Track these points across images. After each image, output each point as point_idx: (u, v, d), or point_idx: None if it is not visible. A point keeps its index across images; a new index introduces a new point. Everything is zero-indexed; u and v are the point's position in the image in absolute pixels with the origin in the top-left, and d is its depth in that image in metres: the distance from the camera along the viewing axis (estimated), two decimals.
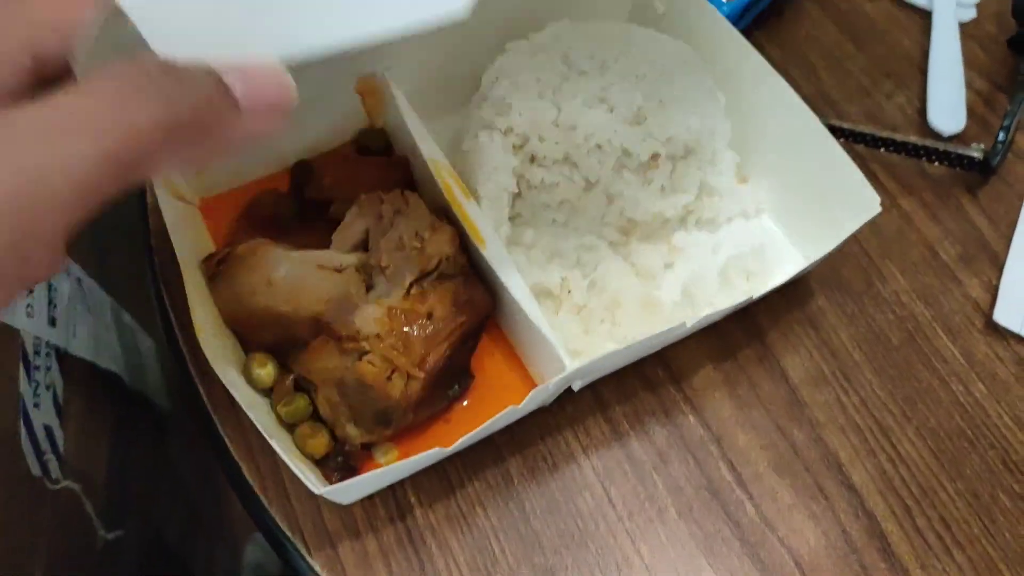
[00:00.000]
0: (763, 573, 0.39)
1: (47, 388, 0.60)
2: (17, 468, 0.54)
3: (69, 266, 0.67)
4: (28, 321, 0.57)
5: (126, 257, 0.91)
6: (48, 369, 0.61)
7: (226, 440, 0.41)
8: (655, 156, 0.44)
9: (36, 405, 0.58)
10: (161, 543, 0.81)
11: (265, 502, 0.40)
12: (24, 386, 0.56)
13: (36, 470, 0.57)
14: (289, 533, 0.39)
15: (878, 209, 0.41)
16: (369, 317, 0.39)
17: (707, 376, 0.44)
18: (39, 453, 0.58)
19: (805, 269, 0.43)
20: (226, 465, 0.41)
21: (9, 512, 0.52)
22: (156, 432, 0.87)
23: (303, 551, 0.39)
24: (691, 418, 0.43)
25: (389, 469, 0.37)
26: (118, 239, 0.91)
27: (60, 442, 0.61)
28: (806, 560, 0.39)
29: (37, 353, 0.59)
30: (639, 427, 0.42)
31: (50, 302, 0.61)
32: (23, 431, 0.55)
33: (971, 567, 0.40)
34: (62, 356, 0.63)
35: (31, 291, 0.58)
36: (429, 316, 0.40)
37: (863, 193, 0.42)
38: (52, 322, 0.61)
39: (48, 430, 0.59)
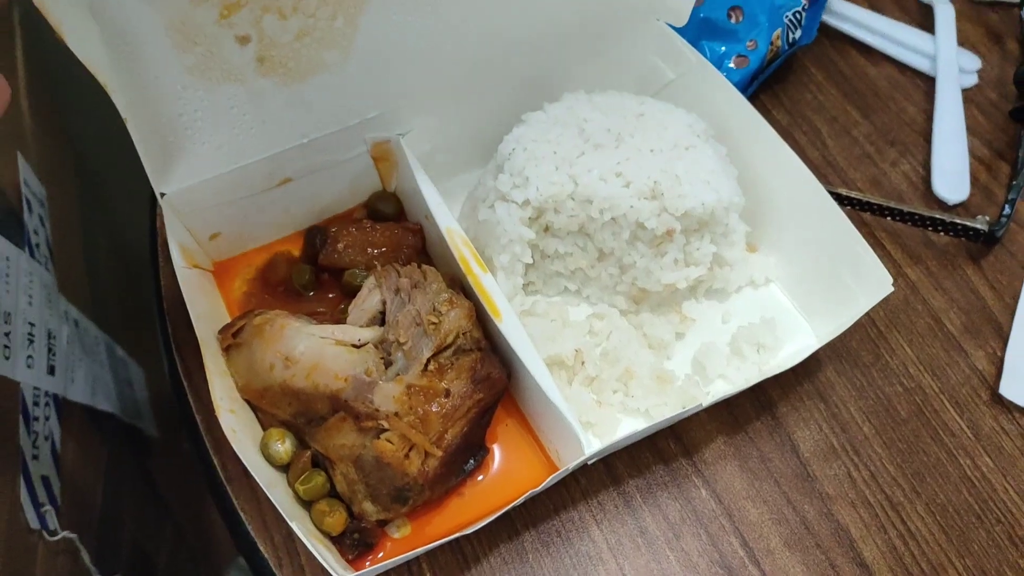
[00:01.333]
0: None
1: (45, 439, 0.60)
2: (17, 523, 0.54)
3: (67, 309, 0.66)
4: (28, 372, 0.57)
5: (119, 291, 0.91)
6: (47, 419, 0.60)
7: (241, 513, 0.41)
8: (670, 231, 0.44)
9: (35, 457, 0.57)
10: (151, 574, 0.80)
11: None
12: (23, 439, 0.56)
13: (35, 523, 0.56)
14: None
15: (891, 289, 0.42)
16: (388, 395, 0.39)
17: (718, 449, 0.44)
18: (37, 505, 0.57)
19: (816, 349, 0.43)
20: (239, 539, 0.41)
21: (9, 566, 0.51)
22: (145, 461, 0.87)
23: None
24: (703, 491, 0.43)
25: (409, 555, 0.37)
26: (112, 274, 0.90)
27: (57, 492, 0.61)
28: None
29: (36, 404, 0.58)
30: (651, 500, 0.43)
31: (49, 350, 0.61)
32: (23, 485, 0.55)
33: None
34: (60, 403, 0.63)
35: (31, 340, 0.58)
36: (447, 394, 0.40)
37: (875, 270, 0.43)
38: (51, 371, 0.61)
39: (46, 481, 0.59)
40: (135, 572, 0.74)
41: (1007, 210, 0.48)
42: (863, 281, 0.43)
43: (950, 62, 0.57)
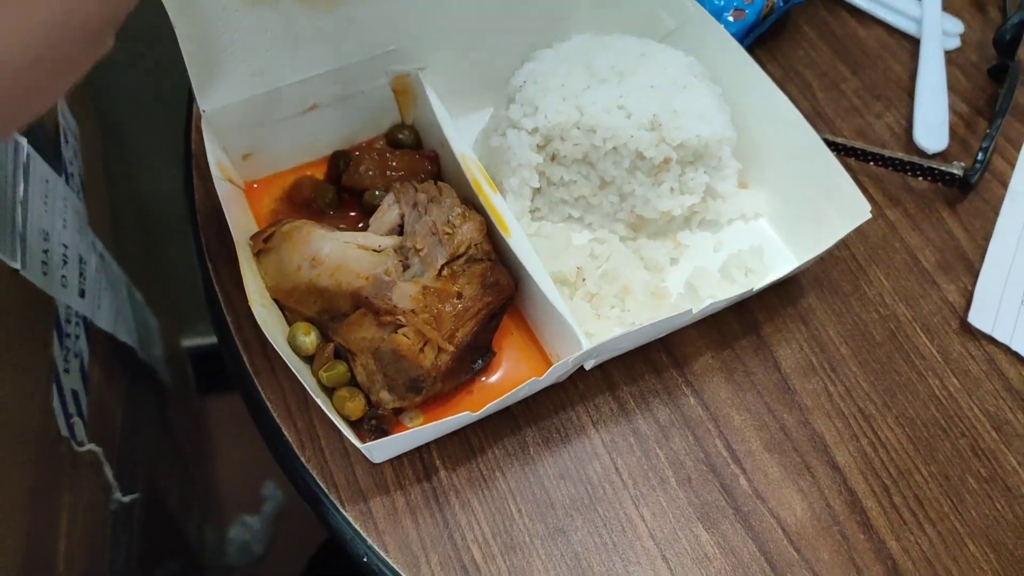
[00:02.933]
0: (754, 539, 0.43)
1: (75, 356, 0.63)
2: (49, 429, 0.57)
3: (94, 241, 0.70)
4: (62, 291, 0.60)
5: (139, 241, 0.95)
6: (77, 338, 0.64)
7: (267, 403, 0.45)
8: (667, 160, 0.48)
9: (66, 370, 0.61)
10: (162, 511, 0.84)
11: (303, 460, 0.43)
12: (56, 351, 0.59)
13: (64, 431, 0.60)
14: (325, 488, 0.43)
15: (868, 215, 0.46)
16: (405, 294, 0.43)
17: (706, 363, 0.48)
18: (67, 415, 0.61)
19: (799, 267, 0.47)
20: (264, 427, 0.45)
21: (39, 470, 0.55)
22: (160, 404, 0.91)
23: (338, 504, 0.42)
24: (691, 399, 0.47)
25: (422, 430, 0.40)
26: (132, 221, 0.94)
27: (84, 406, 0.65)
28: (793, 529, 0.44)
29: (68, 321, 0.62)
30: (644, 405, 0.46)
31: (81, 274, 0.65)
32: (55, 394, 0.58)
33: (940, 540, 0.44)
34: (88, 325, 0.66)
35: (66, 261, 0.61)
36: (459, 296, 0.44)
37: (855, 200, 0.47)
38: (82, 294, 0.65)
39: (75, 394, 0.63)
40: (147, 501, 0.78)
41: (980, 157, 0.52)
42: (843, 211, 0.47)
43: (934, 25, 0.61)
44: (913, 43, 0.62)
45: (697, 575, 0.42)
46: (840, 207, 0.47)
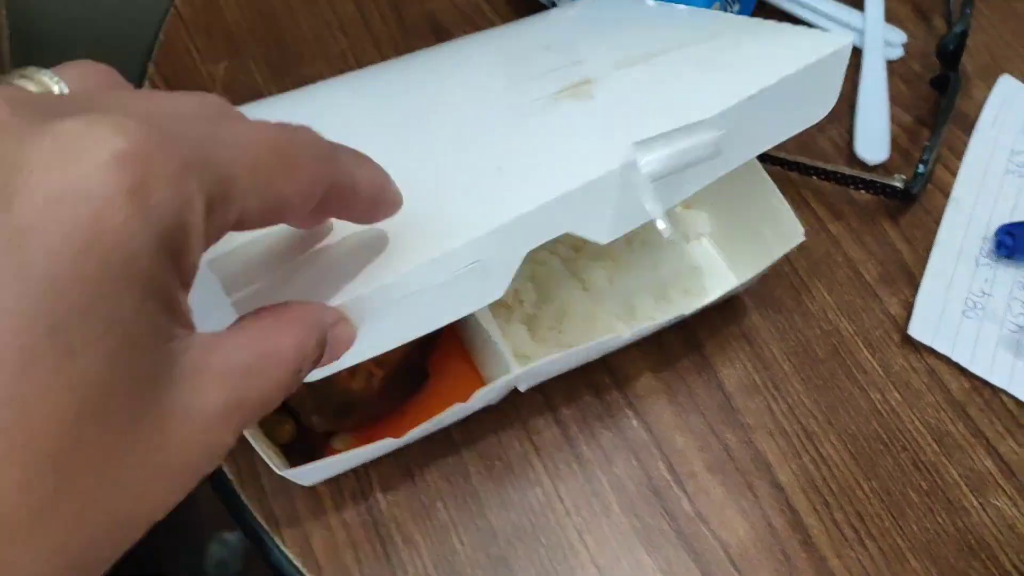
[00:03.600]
0: (696, 561, 0.43)
1: None
2: None
3: None
4: None
5: None
6: None
7: None
8: None
9: None
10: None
11: (243, 497, 0.43)
12: None
13: None
14: (266, 526, 0.43)
15: (801, 238, 0.46)
16: None
17: (649, 384, 0.48)
18: None
19: (736, 289, 0.47)
20: None
21: None
22: None
23: (279, 542, 0.42)
24: (634, 421, 0.47)
25: (346, 455, 0.40)
26: None
27: None
28: (735, 550, 0.44)
29: None
30: (586, 429, 0.47)
31: None
32: None
33: (881, 556, 0.44)
34: None
35: None
36: None
37: (789, 222, 0.47)
38: None
39: None
40: None
41: (921, 168, 0.53)
42: (779, 232, 0.47)
43: (876, 36, 0.61)
44: (856, 54, 0.62)
45: None
46: (776, 228, 0.47)
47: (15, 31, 0.72)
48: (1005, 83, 0.62)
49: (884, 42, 0.62)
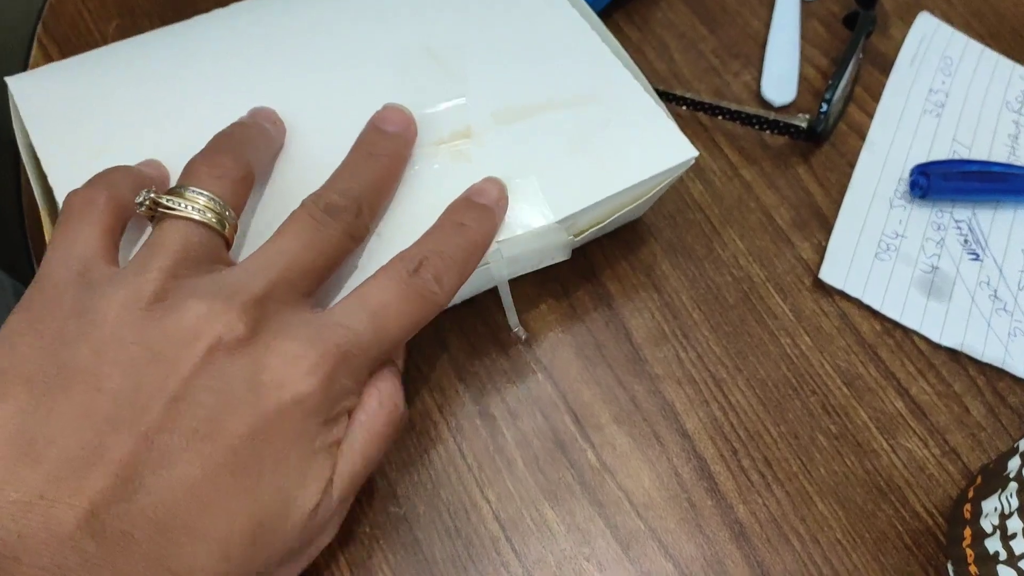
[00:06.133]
0: (600, 512, 0.43)
1: None
2: None
3: None
4: None
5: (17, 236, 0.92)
6: None
7: None
8: None
9: None
10: None
11: None
12: None
13: None
14: None
15: (692, 153, 0.44)
16: None
17: (556, 338, 0.48)
18: None
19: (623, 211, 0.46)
20: None
21: None
22: None
23: None
24: (540, 376, 0.46)
25: None
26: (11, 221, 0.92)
27: None
28: (640, 500, 0.43)
29: None
30: (491, 386, 0.46)
31: None
32: None
33: (788, 500, 0.44)
34: None
35: None
36: None
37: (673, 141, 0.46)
38: None
39: None
40: None
41: (824, 107, 0.52)
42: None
43: None
44: None
45: (540, 552, 0.42)
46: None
47: None
48: (923, 21, 0.61)
49: None
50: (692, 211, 0.52)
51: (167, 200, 0.33)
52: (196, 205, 0.33)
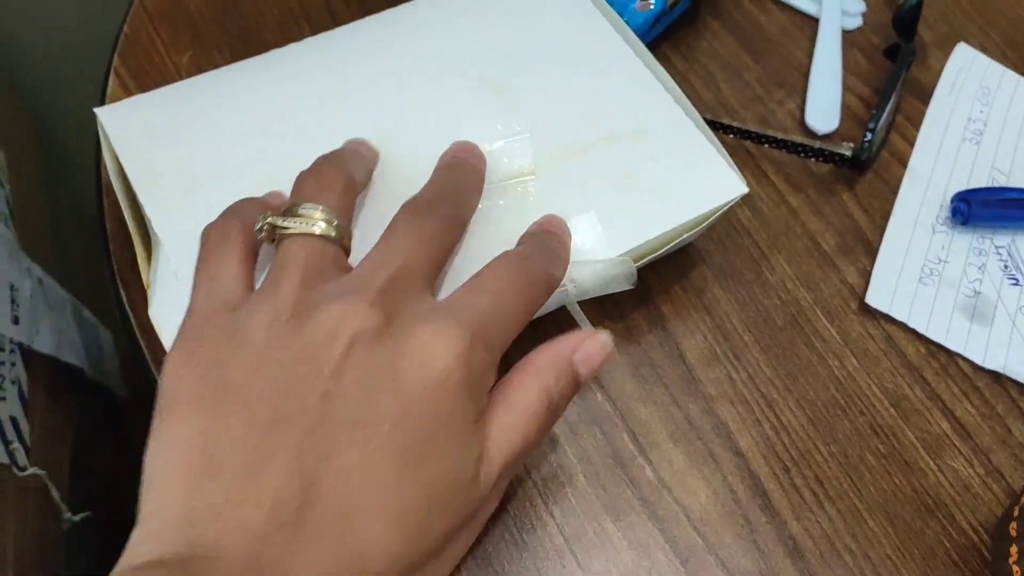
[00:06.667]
0: (659, 527, 0.45)
1: (12, 382, 0.64)
2: None
3: (29, 267, 0.71)
4: None
5: (83, 257, 0.95)
6: (13, 364, 0.65)
7: None
8: None
9: (2, 398, 0.62)
10: (122, 524, 0.85)
11: None
12: None
13: (3, 458, 0.61)
14: None
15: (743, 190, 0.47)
16: None
17: (612, 359, 0.50)
18: (6, 442, 0.62)
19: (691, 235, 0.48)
20: None
21: None
22: (115, 419, 0.92)
23: None
24: (599, 395, 0.48)
25: None
26: (76, 239, 0.94)
27: (26, 432, 0.66)
28: (697, 515, 0.45)
29: (2, 349, 0.63)
30: None
31: (12, 301, 0.66)
32: None
33: (840, 517, 0.46)
34: (26, 352, 0.67)
35: None
36: None
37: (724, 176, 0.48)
38: (15, 320, 0.65)
39: (14, 421, 0.64)
40: (104, 516, 0.79)
41: (868, 137, 0.54)
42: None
43: (833, 4, 0.62)
44: (814, 26, 0.63)
45: (604, 565, 0.44)
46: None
47: None
48: (961, 51, 0.63)
49: (841, 11, 0.63)
50: (740, 236, 0.54)
51: (282, 221, 0.36)
52: (311, 220, 0.36)
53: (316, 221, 0.36)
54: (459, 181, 0.43)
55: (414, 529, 0.31)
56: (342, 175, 0.39)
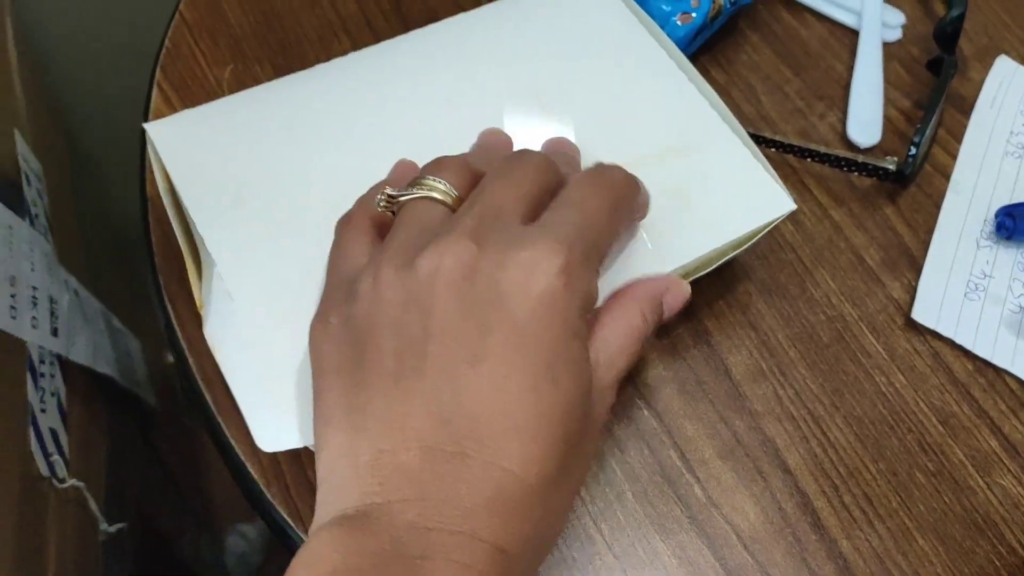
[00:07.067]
0: (709, 546, 0.45)
1: (52, 394, 0.65)
2: (29, 470, 0.59)
3: (66, 279, 0.71)
4: (33, 332, 0.62)
5: (114, 267, 0.96)
6: (52, 376, 0.65)
7: (232, 442, 0.46)
8: None
9: (43, 410, 0.62)
10: (154, 534, 0.85)
11: (269, 495, 0.45)
12: (31, 393, 0.61)
13: (44, 471, 0.61)
14: (292, 523, 0.44)
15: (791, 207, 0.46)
16: None
17: (658, 375, 0.49)
18: (46, 455, 0.62)
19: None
20: (230, 463, 0.46)
21: (23, 511, 0.56)
22: (145, 427, 0.92)
23: (304, 536, 0.44)
24: (645, 412, 0.48)
25: None
26: (106, 249, 0.95)
27: (65, 444, 0.66)
28: (747, 533, 0.45)
29: (42, 362, 0.63)
30: None
31: (52, 314, 0.66)
32: (32, 435, 0.60)
33: (890, 536, 0.45)
34: (63, 363, 0.68)
35: (35, 303, 0.63)
36: None
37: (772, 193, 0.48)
38: (54, 332, 0.66)
39: (54, 433, 0.64)
40: (137, 527, 0.79)
41: (912, 151, 0.53)
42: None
43: (874, 17, 0.62)
44: (854, 38, 0.63)
45: None
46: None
47: (22, 39, 0.72)
48: (1002, 64, 0.62)
49: (882, 23, 0.62)
50: (784, 251, 0.54)
51: (398, 192, 0.39)
52: (429, 187, 0.38)
53: (433, 189, 0.38)
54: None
55: (548, 438, 0.33)
56: (463, 160, 0.40)
